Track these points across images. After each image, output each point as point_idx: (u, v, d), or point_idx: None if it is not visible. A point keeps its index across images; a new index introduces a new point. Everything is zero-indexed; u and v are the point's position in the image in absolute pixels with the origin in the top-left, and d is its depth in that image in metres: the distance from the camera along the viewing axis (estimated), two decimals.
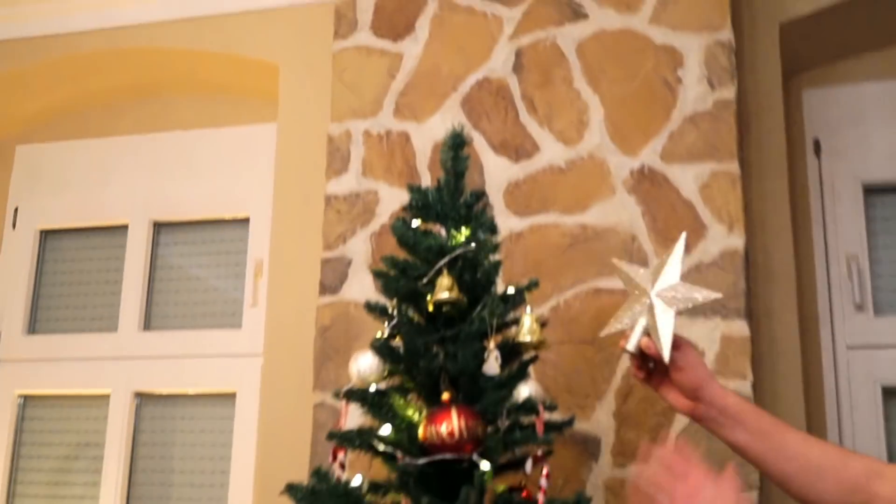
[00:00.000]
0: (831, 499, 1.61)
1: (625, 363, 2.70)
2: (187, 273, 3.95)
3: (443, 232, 2.20)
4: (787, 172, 3.16)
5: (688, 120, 2.88)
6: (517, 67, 3.05)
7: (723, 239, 2.77)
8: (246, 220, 3.84)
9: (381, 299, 2.23)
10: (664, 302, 1.78)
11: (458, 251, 2.10)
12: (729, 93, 2.87)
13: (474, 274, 2.13)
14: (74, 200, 4.03)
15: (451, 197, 2.19)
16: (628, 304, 1.89)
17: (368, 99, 3.18)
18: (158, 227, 3.95)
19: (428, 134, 3.07)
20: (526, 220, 2.93)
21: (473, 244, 2.12)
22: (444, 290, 2.07)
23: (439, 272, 2.10)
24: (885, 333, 3.18)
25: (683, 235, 1.85)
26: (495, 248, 2.19)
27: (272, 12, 3.70)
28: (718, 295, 1.85)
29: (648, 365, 1.80)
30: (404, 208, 2.24)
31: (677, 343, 1.74)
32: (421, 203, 2.20)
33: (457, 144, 2.20)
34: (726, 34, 2.92)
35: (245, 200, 3.84)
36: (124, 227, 3.94)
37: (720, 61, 2.90)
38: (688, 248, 2.67)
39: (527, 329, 2.13)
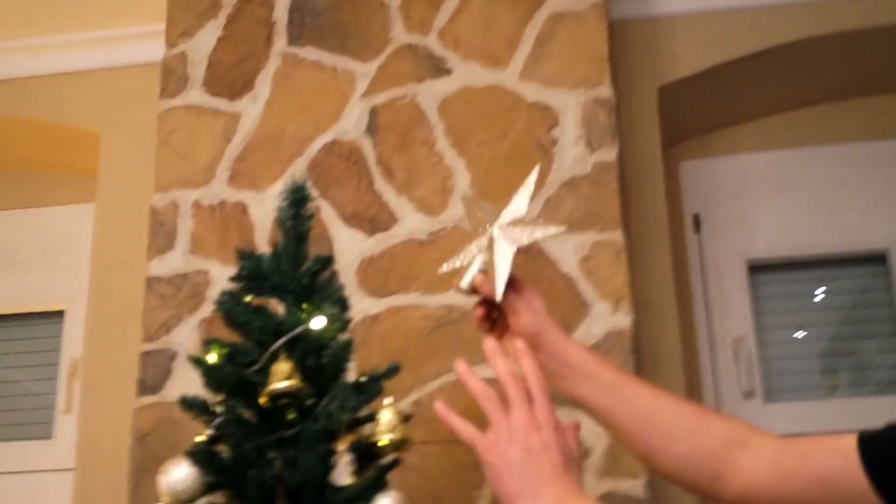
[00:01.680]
0: (682, 464, 1.43)
1: None
2: None
3: (280, 308, 1.79)
4: (670, 247, 2.94)
5: (565, 185, 2.61)
6: (372, 128, 2.74)
7: (607, 318, 2.49)
8: (60, 314, 3.46)
9: (206, 395, 1.82)
10: (505, 237, 1.60)
11: (299, 330, 1.73)
12: (610, 155, 2.61)
13: (319, 358, 1.76)
14: None
15: (291, 265, 1.82)
16: (468, 240, 1.70)
17: (199, 165, 2.81)
18: None
19: (269, 204, 2.71)
20: (383, 301, 2.59)
21: (318, 321, 1.72)
22: (280, 378, 1.71)
23: (275, 357, 1.74)
24: (776, 421, 2.93)
25: (536, 167, 1.65)
26: (345, 325, 1.82)
27: (92, 74, 3.36)
28: (562, 229, 1.63)
29: (493, 315, 1.61)
30: (233, 279, 1.82)
31: (518, 285, 1.57)
32: (253, 272, 1.82)
33: (297, 200, 1.85)
34: (606, 90, 2.67)
35: (59, 291, 3.46)
36: None
37: (599, 120, 2.63)
38: (568, 331, 2.34)
39: (386, 425, 1.73)
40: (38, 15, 3.26)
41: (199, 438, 1.79)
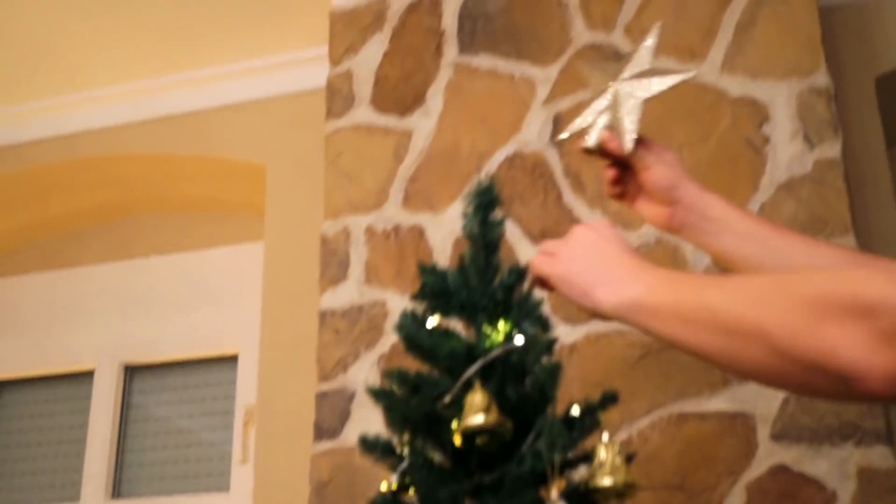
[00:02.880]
0: None
1: None
2: (165, 425, 3.43)
3: (471, 329, 1.52)
4: None
5: (783, 187, 2.29)
6: (557, 137, 2.43)
7: None
8: (234, 359, 3.34)
9: (388, 435, 1.59)
10: (629, 91, 1.53)
11: (496, 353, 1.43)
12: (833, 150, 2.28)
13: (520, 386, 1.45)
14: (31, 344, 3.57)
15: (481, 278, 1.55)
16: (590, 101, 1.59)
17: (370, 188, 2.61)
18: (130, 371, 3.50)
19: (447, 226, 2.50)
20: (580, 328, 2.32)
21: (518, 341, 1.44)
22: (475, 411, 1.44)
23: (468, 386, 1.44)
24: None
25: (658, 25, 1.57)
26: (550, 346, 1.52)
27: (254, 104, 3.27)
28: (692, 73, 1.55)
29: (625, 178, 1.52)
30: (414, 297, 1.57)
31: (646, 141, 1.48)
32: (438, 289, 1.55)
33: (485, 204, 1.59)
34: (822, 78, 2.35)
35: (232, 335, 3.34)
36: (90, 374, 3.49)
37: (817, 112, 2.31)
38: None
39: (605, 467, 1.43)
40: (196, 48, 3.18)
41: (384, 487, 1.53)
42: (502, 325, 1.50)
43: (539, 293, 1.67)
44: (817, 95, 2.32)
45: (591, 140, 1.53)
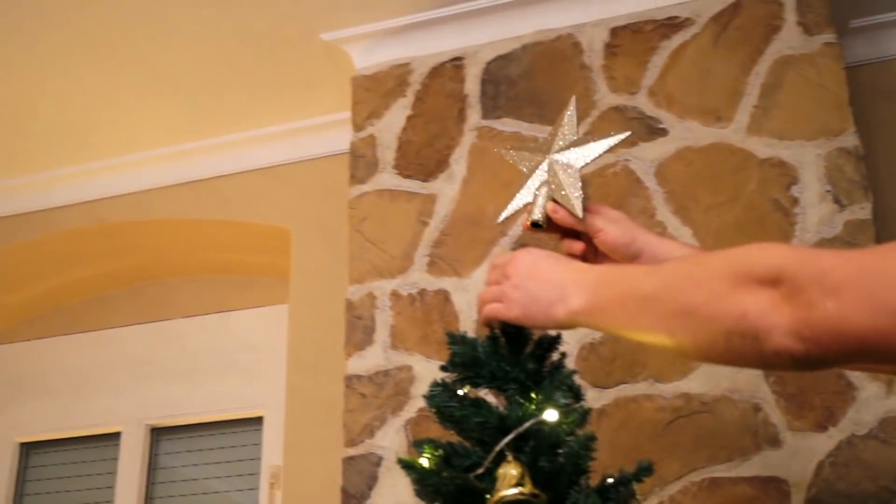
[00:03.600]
0: None
1: None
2: (192, 487, 3.41)
3: (501, 400, 1.50)
4: None
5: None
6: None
7: (880, 402, 2.08)
8: (259, 420, 3.32)
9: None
10: (565, 162, 1.57)
11: (528, 424, 1.41)
12: (864, 211, 2.27)
13: (554, 457, 1.43)
14: (59, 406, 3.57)
15: (512, 348, 1.51)
16: (524, 180, 1.66)
17: (395, 252, 2.60)
18: (156, 432, 3.48)
19: (473, 290, 2.47)
20: (608, 393, 2.29)
21: (551, 416, 1.42)
22: (509, 483, 1.41)
23: (501, 458, 1.41)
24: None
25: (573, 97, 1.64)
26: (584, 417, 1.50)
27: (279, 169, 3.27)
28: (626, 134, 1.60)
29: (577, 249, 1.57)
30: (444, 368, 1.55)
31: (591, 206, 1.54)
32: (468, 359, 1.53)
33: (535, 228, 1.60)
34: (850, 139, 2.33)
35: (257, 396, 3.33)
36: (116, 436, 3.48)
37: (847, 173, 2.29)
38: (832, 420, 2.02)
39: None
40: (219, 114, 3.19)
41: None
42: (535, 396, 1.48)
43: (570, 365, 1.67)
44: (846, 156, 2.31)
45: (536, 215, 1.57)
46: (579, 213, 1.52)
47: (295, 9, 2.74)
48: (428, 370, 2.43)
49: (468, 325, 2.43)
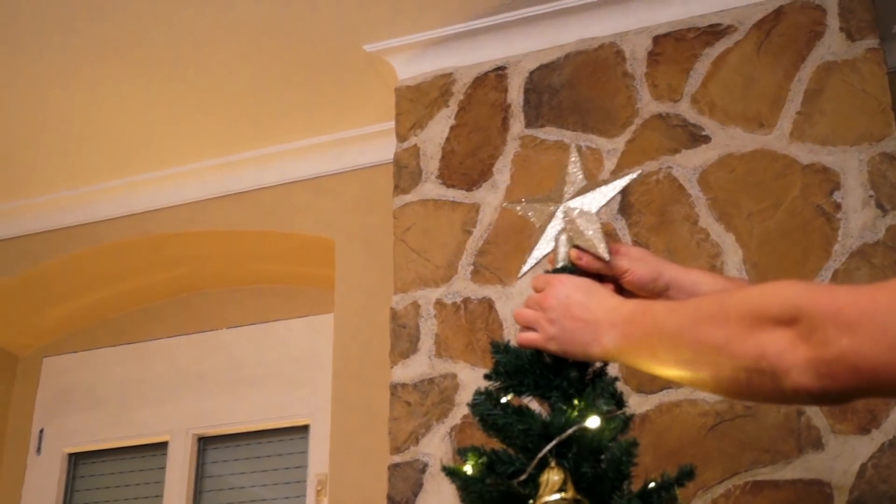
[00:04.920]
0: None
1: None
2: (238, 495, 3.43)
3: (545, 408, 1.51)
4: None
5: (856, 254, 2.25)
6: (625, 208, 2.46)
7: None
8: (305, 429, 3.35)
9: None
10: (580, 208, 1.60)
11: (571, 431, 1.42)
12: None
13: (597, 463, 1.44)
14: (107, 417, 3.61)
15: (555, 357, 1.52)
16: (539, 232, 1.67)
17: (439, 262, 2.61)
18: (203, 441, 3.51)
19: (517, 299, 2.48)
20: (651, 398, 2.29)
21: (593, 423, 1.43)
22: (552, 490, 1.42)
23: (544, 464, 1.43)
24: None
25: (574, 146, 1.71)
26: (626, 424, 1.51)
27: (323, 180, 3.29)
28: (637, 173, 1.61)
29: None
30: (487, 376, 1.57)
31: (612, 248, 1.56)
32: (511, 368, 1.54)
33: (562, 273, 1.58)
34: (893, 144, 2.31)
35: (303, 405, 3.35)
36: (164, 444, 3.52)
37: (889, 178, 2.28)
38: (874, 422, 2.05)
39: None
40: (264, 126, 3.21)
41: None
42: (577, 403, 1.50)
43: (613, 372, 1.68)
44: (889, 161, 2.29)
45: (561, 261, 1.58)
46: (606, 256, 1.54)
47: (338, 21, 2.76)
48: (472, 378, 2.44)
49: (512, 334, 2.44)
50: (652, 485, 1.49)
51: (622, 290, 1.55)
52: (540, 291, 1.52)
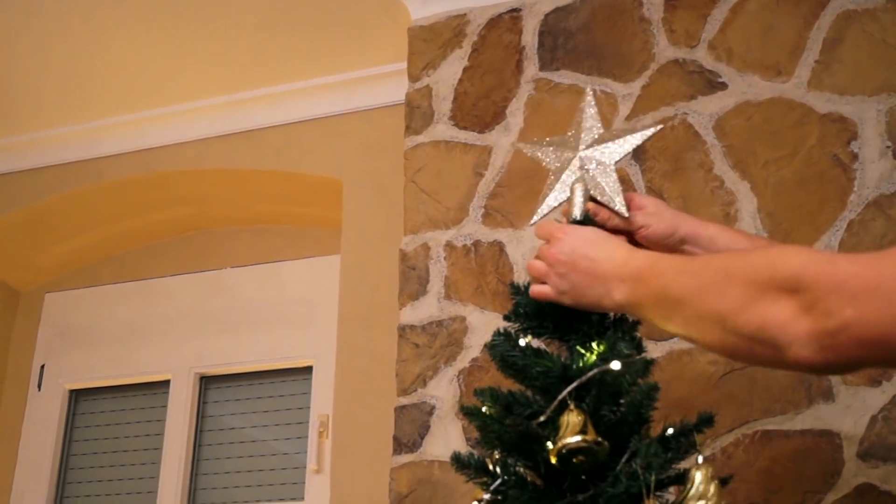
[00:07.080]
0: None
1: None
2: (240, 434, 3.43)
3: (564, 350, 1.50)
4: None
5: (872, 205, 2.23)
6: (639, 154, 2.44)
7: None
8: (308, 370, 3.32)
9: (477, 452, 1.59)
10: (596, 159, 1.57)
11: (592, 373, 1.41)
12: None
13: (617, 407, 1.44)
14: (108, 354, 3.59)
15: None
16: (553, 179, 1.65)
17: (450, 204, 2.59)
18: (205, 381, 3.50)
19: (528, 243, 2.46)
20: (662, 346, 2.28)
21: (615, 366, 1.43)
22: (572, 431, 1.42)
23: (563, 406, 1.43)
24: None
25: (589, 89, 1.68)
26: (647, 367, 1.50)
27: (331, 120, 3.24)
28: (658, 128, 1.61)
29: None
30: (507, 318, 1.56)
31: (628, 198, 1.56)
32: (532, 309, 1.54)
33: (583, 217, 1.58)
34: None
35: (306, 346, 3.33)
36: (165, 383, 3.51)
37: None
38: (886, 375, 2.06)
39: (698, 489, 1.40)
40: (273, 64, 3.18)
41: (475, 503, 1.52)
42: (597, 346, 1.49)
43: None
44: None
45: (576, 214, 1.56)
46: (625, 213, 1.54)
47: None
48: (481, 321, 2.43)
49: (522, 277, 2.43)
50: (671, 430, 1.49)
51: (636, 244, 1.54)
52: (544, 240, 1.52)
